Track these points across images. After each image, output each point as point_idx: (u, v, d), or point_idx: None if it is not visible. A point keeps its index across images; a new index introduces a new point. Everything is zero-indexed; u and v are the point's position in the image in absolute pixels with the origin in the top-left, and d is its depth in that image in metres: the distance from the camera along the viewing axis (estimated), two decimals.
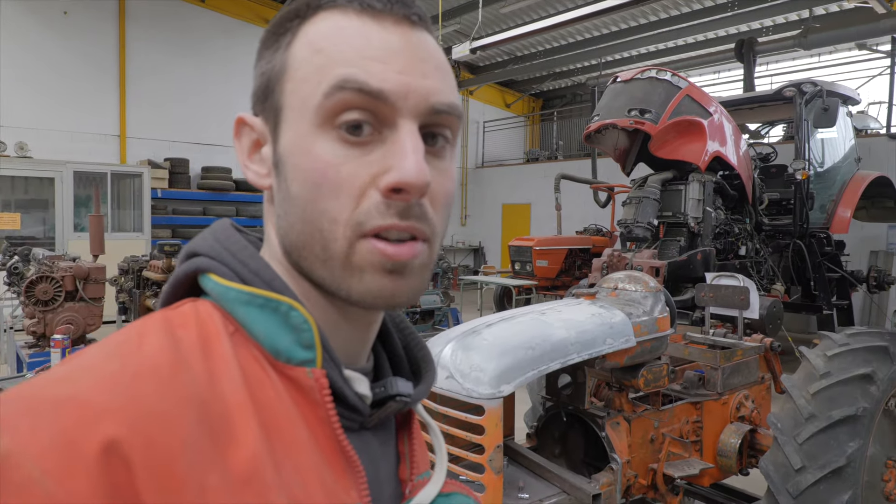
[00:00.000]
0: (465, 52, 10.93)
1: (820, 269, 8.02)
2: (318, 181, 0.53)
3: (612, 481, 2.47)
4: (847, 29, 10.16)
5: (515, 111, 19.62)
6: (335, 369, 0.56)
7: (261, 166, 0.59)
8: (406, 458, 0.65)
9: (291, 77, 0.55)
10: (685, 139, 6.77)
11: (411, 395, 0.62)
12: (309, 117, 0.53)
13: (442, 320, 6.53)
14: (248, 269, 0.57)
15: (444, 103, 0.56)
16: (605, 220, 11.96)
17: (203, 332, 0.52)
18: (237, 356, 0.52)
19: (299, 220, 0.55)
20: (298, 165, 0.54)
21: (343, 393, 0.56)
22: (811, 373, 2.57)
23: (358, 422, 0.59)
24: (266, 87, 0.57)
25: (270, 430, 0.50)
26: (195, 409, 0.46)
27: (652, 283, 2.71)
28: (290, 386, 0.54)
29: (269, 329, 0.54)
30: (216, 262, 0.57)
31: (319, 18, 0.56)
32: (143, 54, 12.56)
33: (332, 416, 0.54)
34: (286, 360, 0.54)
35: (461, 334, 2.35)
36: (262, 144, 0.59)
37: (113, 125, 12.32)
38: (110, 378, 0.45)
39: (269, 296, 0.55)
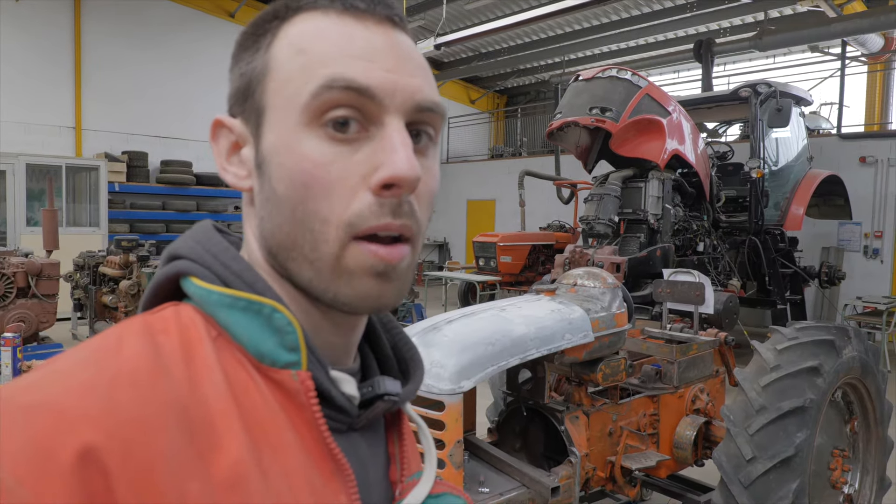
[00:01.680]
0: (430, 48, 10.93)
1: (774, 265, 8.27)
2: (307, 181, 0.52)
3: (570, 474, 2.51)
4: (800, 32, 10.48)
5: (480, 107, 19.68)
6: (321, 370, 0.55)
7: (240, 168, 0.58)
8: (396, 458, 0.64)
9: (274, 77, 0.54)
10: (645, 137, 6.89)
11: (399, 395, 0.61)
12: (295, 116, 0.53)
13: (406, 316, 6.53)
14: (230, 271, 0.56)
15: (429, 100, 0.57)
16: (569, 216, 12.12)
17: (185, 336, 0.52)
18: (220, 360, 0.52)
19: (287, 221, 0.54)
20: (284, 165, 0.53)
21: (330, 394, 0.56)
22: (762, 366, 2.65)
23: (346, 423, 0.58)
24: (246, 88, 0.56)
25: (256, 435, 0.49)
26: (176, 416, 0.46)
27: (610, 280, 2.76)
28: (276, 389, 0.53)
29: (253, 332, 0.54)
30: (197, 264, 0.57)
31: (300, 19, 0.55)
32: (100, 44, 12.21)
33: (318, 419, 0.53)
34: (271, 362, 0.53)
35: (422, 331, 2.35)
36: (242, 146, 0.58)
37: (68, 117, 11.96)
38: (86, 383, 0.44)
39: (251, 298, 0.54)
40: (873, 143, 10.40)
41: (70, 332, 8.52)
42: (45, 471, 0.39)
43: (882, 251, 10.22)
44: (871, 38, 10.89)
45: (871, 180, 10.26)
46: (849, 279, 9.74)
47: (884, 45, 11.33)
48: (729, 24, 12.78)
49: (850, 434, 3.02)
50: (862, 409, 3.03)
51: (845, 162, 10.37)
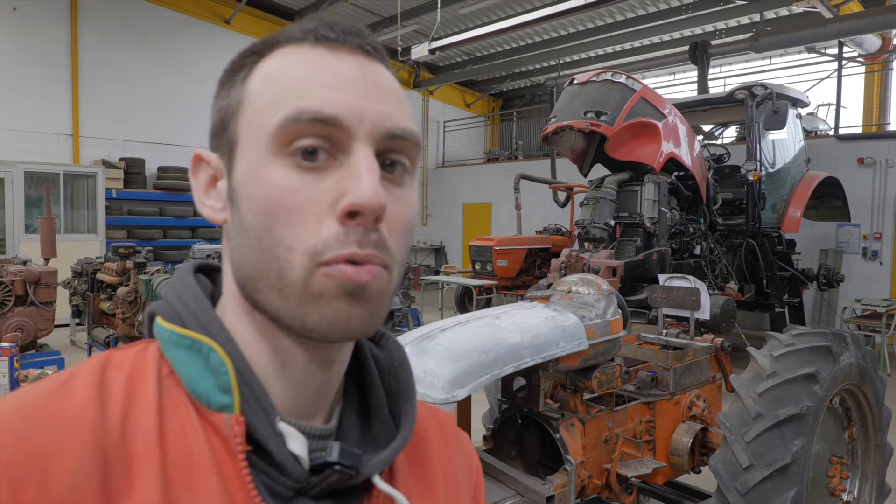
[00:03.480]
0: (424, 52, 10.93)
1: (772, 268, 8.25)
2: (273, 208, 0.51)
3: (566, 482, 2.49)
4: (796, 33, 10.48)
5: (475, 111, 19.69)
6: (264, 420, 0.52)
7: (216, 201, 0.58)
8: None
9: (246, 109, 0.54)
10: (640, 141, 6.89)
11: (357, 467, 0.55)
12: (263, 146, 0.52)
13: (402, 321, 6.51)
14: (188, 310, 0.56)
15: (399, 128, 0.54)
16: (565, 219, 12.11)
17: (133, 373, 0.53)
18: (162, 399, 0.52)
19: (254, 250, 0.52)
20: (252, 194, 0.52)
21: (269, 448, 0.52)
22: (758, 373, 2.63)
23: (290, 487, 0.53)
24: (222, 122, 0.57)
25: (176, 479, 0.49)
26: (91, 450, 0.47)
27: (604, 286, 2.74)
28: (212, 432, 0.52)
29: (192, 371, 0.53)
30: (165, 303, 0.58)
31: (276, 54, 0.55)
32: (97, 52, 12.20)
33: (242, 469, 0.51)
34: (206, 403, 0.53)
35: (416, 339, 2.33)
36: (218, 179, 0.58)
37: (65, 124, 11.94)
38: (17, 412, 0.47)
39: (194, 337, 0.54)
40: (871, 144, 10.39)
41: (68, 339, 8.49)
42: None
43: (881, 253, 10.21)
44: (869, 39, 10.89)
45: (869, 181, 10.25)
46: (848, 281, 9.73)
47: (881, 46, 11.33)
48: (724, 26, 12.78)
49: (849, 441, 3.00)
50: (860, 416, 3.01)
51: (843, 163, 10.36)
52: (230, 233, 0.56)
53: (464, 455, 0.74)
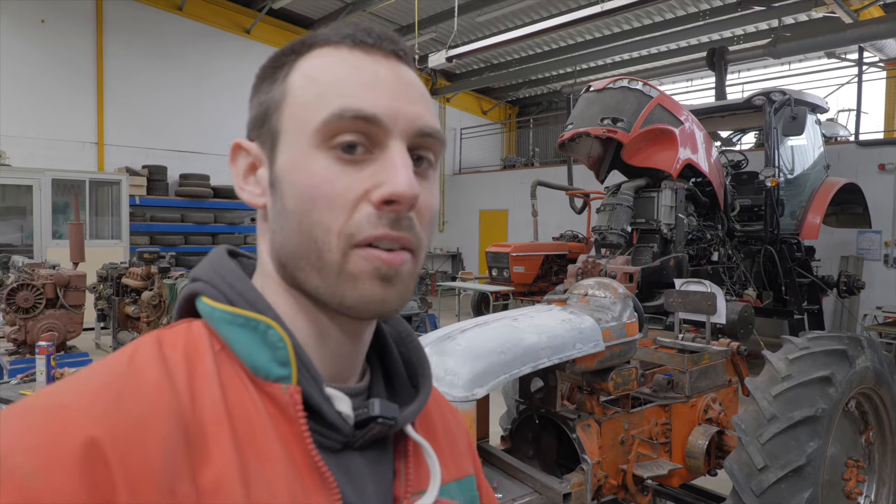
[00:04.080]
0: (441, 60, 11.02)
1: (791, 275, 8.19)
2: (314, 195, 0.57)
3: (582, 481, 2.54)
4: (815, 38, 10.42)
5: (492, 118, 19.76)
6: (315, 386, 0.59)
7: (255, 187, 0.64)
8: (402, 475, 0.66)
9: (290, 104, 0.60)
10: (657, 147, 6.90)
11: (395, 418, 0.63)
12: (307, 139, 0.58)
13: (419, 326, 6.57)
14: (235, 290, 0.61)
15: (429, 126, 0.62)
16: (582, 226, 12.11)
17: (189, 350, 0.57)
18: (220, 373, 0.56)
19: (295, 233, 0.59)
20: (295, 182, 0.58)
21: (321, 410, 0.59)
22: (773, 375, 2.66)
23: (339, 441, 0.61)
24: (264, 115, 0.62)
25: (245, 446, 0.53)
26: (174, 422, 0.51)
27: (621, 290, 2.79)
28: (269, 402, 0.57)
29: (249, 347, 0.58)
30: (208, 285, 0.62)
31: (315, 54, 0.61)
32: (121, 62, 12.48)
33: (304, 433, 0.57)
34: (264, 376, 0.58)
35: (436, 339, 2.40)
36: (258, 167, 0.63)
37: (91, 133, 12.21)
38: (98, 389, 0.50)
39: (249, 315, 0.59)
40: (892, 149, 10.28)
41: (94, 342, 8.67)
42: (56, 460, 0.45)
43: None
44: (889, 44, 10.80)
45: (890, 188, 10.14)
46: (869, 288, 9.61)
47: None
48: (742, 32, 12.73)
49: (866, 445, 3.01)
50: (877, 420, 3.02)
51: (864, 169, 10.27)
52: (271, 216, 0.62)
53: (458, 426, 0.83)
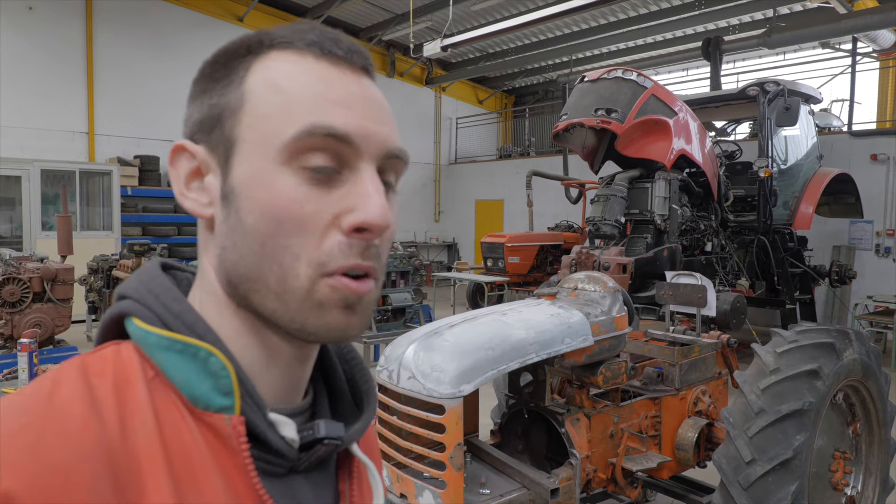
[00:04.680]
0: (437, 49, 10.96)
1: (783, 265, 8.22)
2: (279, 216, 0.53)
3: (570, 476, 2.55)
4: (809, 28, 10.40)
5: (488, 108, 19.69)
6: (258, 413, 0.56)
7: (201, 195, 0.58)
8: (346, 496, 0.64)
9: (249, 112, 0.55)
10: (651, 138, 6.89)
11: (342, 438, 0.61)
12: (272, 154, 0.54)
13: (413, 318, 6.57)
14: (170, 312, 0.56)
15: (398, 148, 0.59)
16: (577, 216, 12.11)
17: (119, 378, 0.52)
18: (154, 403, 0.52)
19: (254, 253, 0.54)
20: (257, 199, 0.54)
21: (266, 438, 0.56)
22: (762, 369, 2.68)
23: (284, 466, 0.58)
24: (216, 118, 0.57)
25: (183, 480, 0.50)
26: (102, 462, 0.47)
27: (610, 284, 2.79)
28: (209, 433, 0.54)
29: (188, 375, 0.54)
30: (139, 305, 0.57)
31: (276, 57, 0.57)
32: (111, 50, 12.36)
33: (248, 465, 0.54)
34: (204, 406, 0.54)
35: (424, 335, 2.40)
36: (204, 174, 0.58)
37: (81, 122, 12.11)
38: (14, 433, 0.46)
39: (187, 341, 0.55)
40: (885, 140, 10.30)
41: (85, 335, 8.65)
42: None
43: (894, 249, 10.13)
44: (883, 34, 10.78)
45: (882, 178, 10.17)
46: (860, 278, 9.66)
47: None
48: (738, 22, 12.69)
49: (853, 436, 3.03)
50: (864, 412, 3.04)
51: (856, 159, 10.28)
52: (221, 230, 0.57)
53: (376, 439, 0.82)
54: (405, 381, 2.24)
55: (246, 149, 0.55)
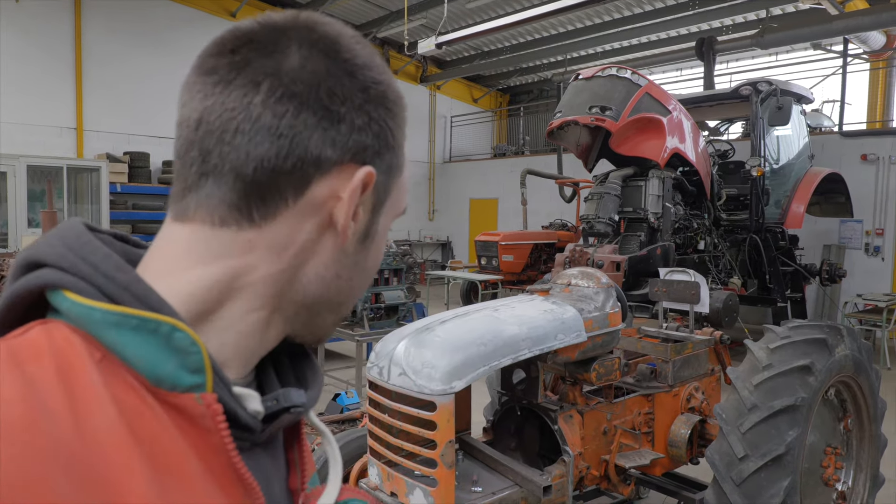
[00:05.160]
0: (431, 46, 10.94)
1: (775, 263, 8.26)
2: (378, 265, 0.65)
3: (563, 473, 2.54)
4: (802, 29, 10.46)
5: (483, 106, 19.68)
6: (224, 389, 0.51)
7: (353, 224, 0.58)
8: (296, 465, 0.63)
9: (400, 180, 0.63)
10: (645, 136, 6.90)
11: (304, 405, 0.59)
12: (391, 219, 0.64)
13: (406, 315, 6.53)
14: (116, 283, 0.49)
15: None
16: (571, 215, 12.12)
17: (62, 364, 0.45)
18: (108, 388, 0.45)
19: (359, 288, 0.63)
20: (379, 249, 0.63)
21: (235, 413, 0.52)
22: (754, 365, 2.67)
23: (250, 441, 0.55)
24: (389, 165, 0.60)
25: (160, 470, 0.45)
26: (63, 466, 0.40)
27: (604, 280, 2.78)
28: (176, 414, 0.49)
29: (148, 354, 0.48)
30: (71, 275, 0.49)
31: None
32: (101, 45, 12.27)
33: (228, 444, 0.50)
34: (170, 387, 0.48)
35: (415, 331, 2.38)
36: (360, 203, 0.58)
37: (69, 118, 12.02)
38: None
39: (145, 316, 0.48)
40: (875, 140, 10.36)
41: None
42: None
43: (883, 248, 10.20)
44: (873, 36, 10.85)
45: (872, 178, 10.23)
46: (850, 277, 9.72)
47: (886, 43, 11.29)
48: (731, 22, 12.73)
49: (844, 432, 3.03)
50: (855, 407, 3.05)
51: (847, 159, 10.34)
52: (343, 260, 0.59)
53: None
54: (396, 377, 2.22)
55: (388, 206, 0.62)
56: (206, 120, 0.53)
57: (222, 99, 0.53)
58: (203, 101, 0.54)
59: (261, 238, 0.54)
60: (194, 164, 0.54)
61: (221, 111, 0.53)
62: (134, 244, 0.60)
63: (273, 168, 0.53)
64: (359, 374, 6.02)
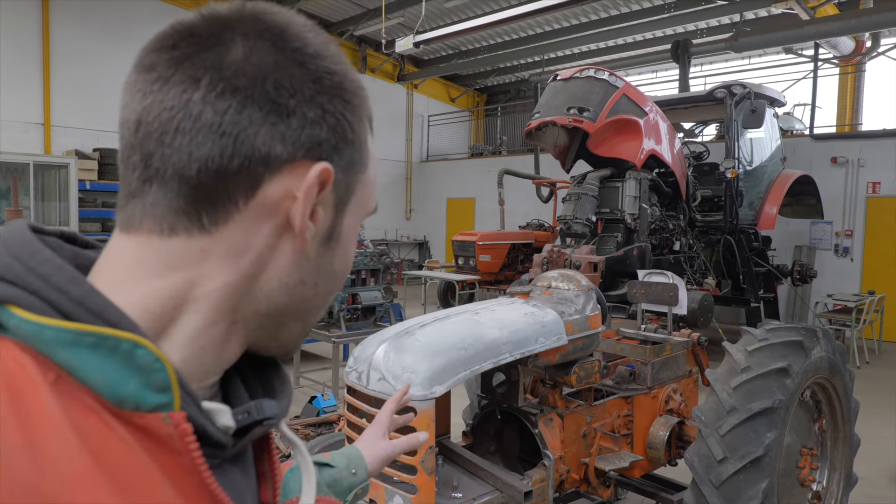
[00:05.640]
0: (409, 45, 10.89)
1: (748, 264, 8.38)
2: (349, 267, 0.62)
3: (544, 477, 2.52)
4: (774, 34, 10.61)
5: (460, 106, 19.66)
6: (193, 405, 0.48)
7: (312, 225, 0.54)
8: (267, 478, 0.61)
9: (367, 174, 0.59)
10: (622, 137, 6.94)
11: (276, 416, 0.56)
12: (360, 218, 0.60)
13: (384, 316, 6.49)
14: (69, 298, 0.45)
15: None
16: (548, 215, 12.16)
17: (12, 388, 0.41)
18: (66, 412, 0.42)
19: (328, 293, 0.60)
20: (347, 251, 0.60)
21: (205, 431, 0.49)
22: (733, 367, 2.68)
23: (220, 457, 0.52)
24: (349, 160, 0.56)
25: (126, 495, 0.42)
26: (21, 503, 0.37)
27: (584, 282, 2.77)
28: (142, 436, 0.45)
29: (107, 373, 0.44)
30: (19, 289, 0.45)
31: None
32: (69, 39, 11.98)
33: (199, 465, 0.47)
34: (134, 407, 0.45)
35: (394, 335, 2.34)
36: (319, 203, 0.54)
37: (36, 113, 11.72)
38: None
39: (103, 332, 0.44)
40: (844, 143, 10.58)
41: None
42: None
43: (852, 249, 10.42)
44: (843, 41, 11.06)
45: (841, 180, 10.45)
46: (820, 277, 9.91)
47: (855, 48, 11.51)
48: (706, 25, 12.90)
49: (819, 432, 3.07)
50: (830, 408, 3.08)
51: (817, 162, 10.54)
52: (305, 265, 0.55)
53: None
54: (375, 382, 2.18)
55: (354, 205, 0.59)
56: (145, 121, 0.50)
57: (161, 97, 0.49)
58: (142, 101, 0.50)
59: (214, 245, 0.51)
60: (136, 169, 0.51)
61: (160, 111, 0.49)
62: (83, 244, 0.57)
63: (218, 169, 0.49)
64: (335, 376, 5.96)
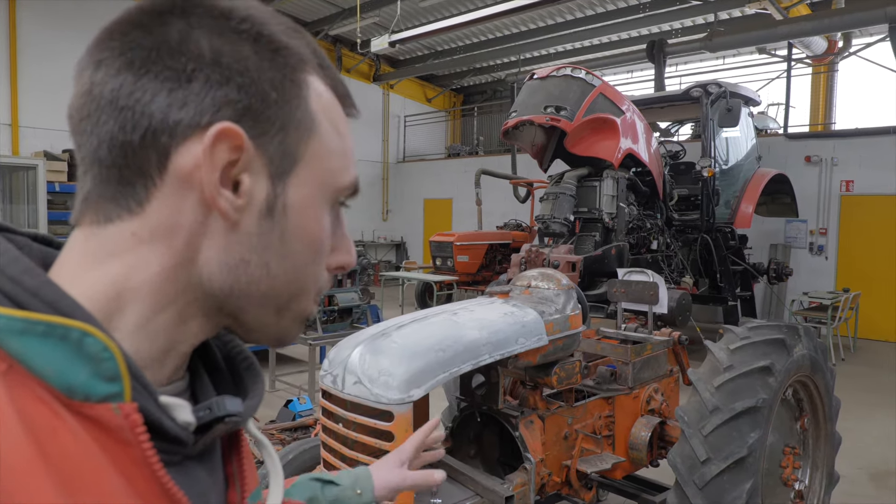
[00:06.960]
0: (384, 45, 10.80)
1: (725, 262, 8.43)
2: (318, 249, 0.57)
3: (525, 481, 2.46)
4: (748, 34, 10.72)
5: (437, 106, 19.59)
6: (149, 398, 0.47)
7: (233, 195, 0.51)
8: (235, 479, 0.60)
9: (318, 141, 0.55)
10: (599, 136, 6.93)
11: (241, 414, 0.56)
12: (328, 192, 0.57)
13: (361, 318, 6.38)
14: (23, 287, 0.45)
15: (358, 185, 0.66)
16: (525, 215, 12.14)
17: None
18: (14, 402, 0.42)
19: (286, 274, 0.55)
20: (307, 228, 0.56)
21: (161, 425, 0.48)
22: (715, 366, 2.64)
23: (181, 454, 0.52)
24: (273, 120, 0.52)
25: (73, 486, 0.42)
26: None
27: (564, 281, 2.71)
28: (92, 427, 0.45)
29: (57, 362, 0.44)
30: None
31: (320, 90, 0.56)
32: (37, 37, 11.67)
33: (150, 457, 0.46)
34: (83, 397, 0.44)
35: (370, 337, 2.26)
36: (239, 171, 0.51)
37: (4, 114, 11.41)
38: None
39: (52, 321, 0.44)
40: (818, 142, 10.71)
41: None
42: None
43: (826, 247, 10.55)
44: (816, 41, 11.21)
45: (815, 179, 10.57)
46: (796, 275, 10.02)
47: (827, 48, 11.68)
48: (681, 25, 12.99)
49: (801, 431, 3.05)
50: (812, 406, 3.07)
51: (792, 161, 10.66)
52: (247, 242, 0.52)
53: None
54: (350, 386, 2.09)
55: (306, 175, 0.55)
56: (71, 115, 0.51)
57: (75, 89, 0.51)
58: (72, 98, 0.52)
59: (143, 227, 0.50)
60: (79, 164, 0.52)
61: (75, 101, 0.51)
62: (57, 246, 0.56)
63: (122, 145, 0.48)
64: (312, 379, 5.85)
